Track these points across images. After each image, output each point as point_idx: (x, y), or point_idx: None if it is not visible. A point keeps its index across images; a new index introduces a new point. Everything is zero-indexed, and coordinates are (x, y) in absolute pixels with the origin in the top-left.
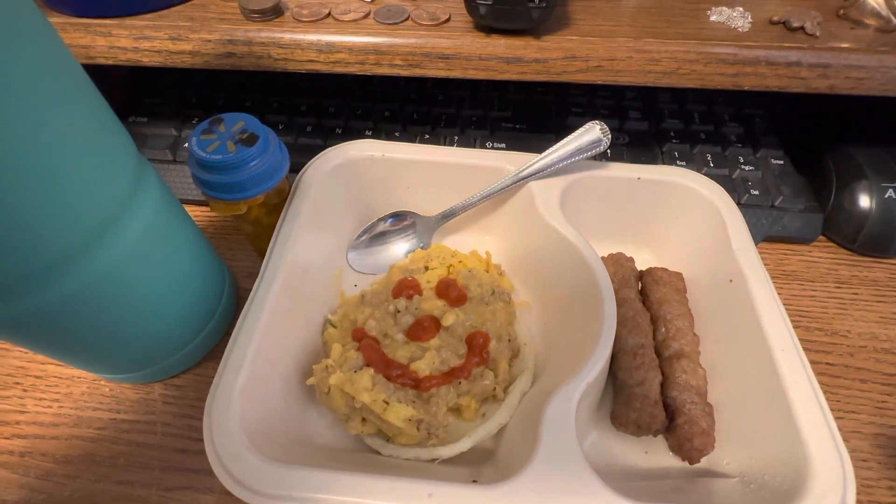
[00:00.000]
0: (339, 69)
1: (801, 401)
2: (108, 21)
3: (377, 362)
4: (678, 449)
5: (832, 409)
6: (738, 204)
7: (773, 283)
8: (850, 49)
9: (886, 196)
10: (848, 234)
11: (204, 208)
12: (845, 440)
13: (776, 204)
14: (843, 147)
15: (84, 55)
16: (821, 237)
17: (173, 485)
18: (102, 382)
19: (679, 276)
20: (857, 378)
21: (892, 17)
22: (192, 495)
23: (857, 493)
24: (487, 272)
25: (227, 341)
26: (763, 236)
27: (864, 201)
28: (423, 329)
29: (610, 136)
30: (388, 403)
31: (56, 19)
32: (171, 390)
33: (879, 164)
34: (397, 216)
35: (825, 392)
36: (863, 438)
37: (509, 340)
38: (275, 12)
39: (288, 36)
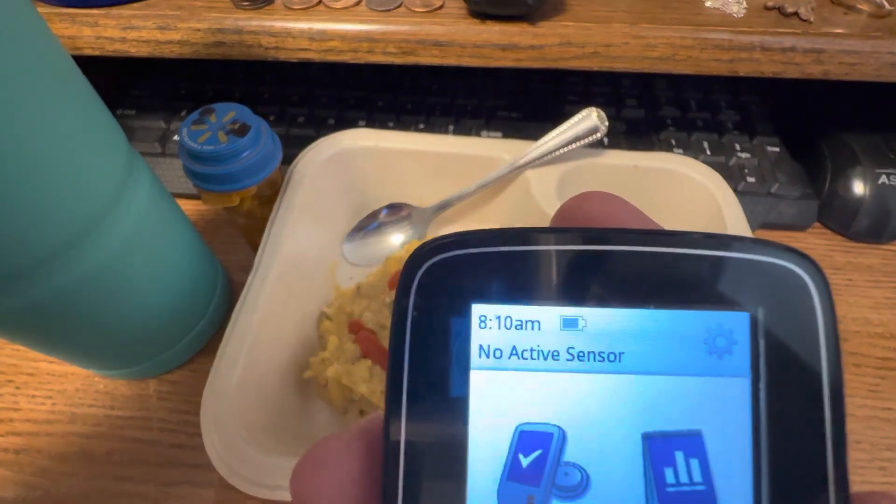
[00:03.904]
0: (331, 57)
1: None
2: (94, 11)
3: (375, 353)
4: None
5: None
6: (735, 191)
7: None
8: (843, 34)
9: (880, 182)
10: (842, 221)
11: (195, 202)
12: None
13: (772, 191)
14: (838, 134)
15: (70, 46)
16: (816, 224)
17: (171, 479)
18: (96, 379)
19: None
20: (850, 363)
21: (885, 3)
22: (190, 489)
23: (850, 475)
24: None
25: (222, 336)
26: (759, 223)
27: (859, 188)
28: None
29: (607, 122)
30: None
31: (41, 10)
32: (166, 386)
33: (873, 150)
34: (392, 207)
35: None
36: (856, 421)
37: None
38: (265, 0)
39: (279, 24)
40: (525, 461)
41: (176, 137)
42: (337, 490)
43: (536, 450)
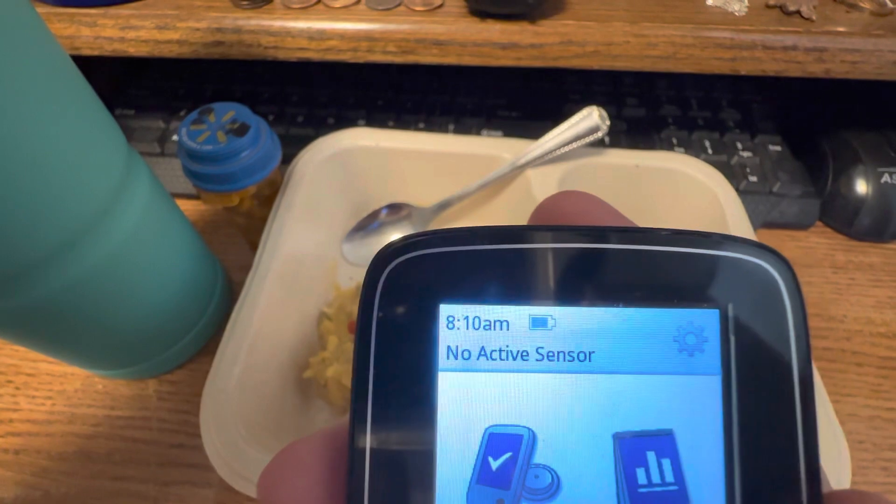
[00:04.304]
0: (330, 57)
1: None
2: (92, 11)
3: None
4: None
5: (829, 393)
6: (737, 190)
7: None
8: (845, 33)
9: (882, 181)
10: (844, 220)
11: (194, 202)
12: (842, 423)
13: (774, 190)
14: (840, 132)
15: (69, 46)
16: (818, 223)
17: (171, 479)
18: (96, 379)
19: None
20: (853, 362)
21: (887, 1)
22: (190, 489)
23: (853, 474)
24: None
25: (221, 337)
26: (761, 222)
27: (860, 186)
28: None
29: (608, 121)
30: None
31: (39, 9)
32: (166, 386)
33: (875, 148)
34: (392, 207)
35: (822, 376)
36: (859, 421)
37: None
38: None
39: (278, 23)
40: (495, 464)
41: (175, 137)
42: (303, 495)
43: (506, 452)
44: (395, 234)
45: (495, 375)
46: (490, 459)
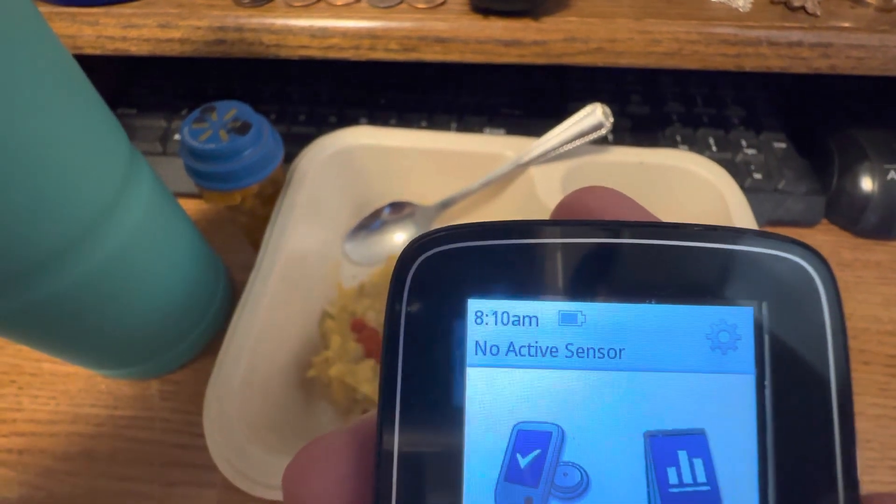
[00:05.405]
0: (332, 55)
1: None
2: (94, 10)
3: (378, 353)
4: None
5: None
6: (742, 188)
7: None
8: (850, 28)
9: (888, 178)
10: (850, 217)
11: (196, 201)
12: None
13: (779, 187)
14: (845, 129)
15: (71, 45)
16: (823, 220)
17: (174, 480)
18: (99, 379)
19: None
20: (860, 360)
21: None
22: (193, 490)
23: (861, 474)
24: None
25: (224, 337)
26: (766, 220)
27: (866, 183)
28: None
29: (612, 119)
30: None
31: (42, 9)
32: (169, 386)
33: (881, 145)
34: (395, 205)
35: None
36: (866, 420)
37: None
38: None
39: (280, 21)
40: (523, 461)
41: (177, 136)
42: (330, 491)
43: (535, 449)
44: (397, 233)
45: (524, 371)
46: (518, 457)
